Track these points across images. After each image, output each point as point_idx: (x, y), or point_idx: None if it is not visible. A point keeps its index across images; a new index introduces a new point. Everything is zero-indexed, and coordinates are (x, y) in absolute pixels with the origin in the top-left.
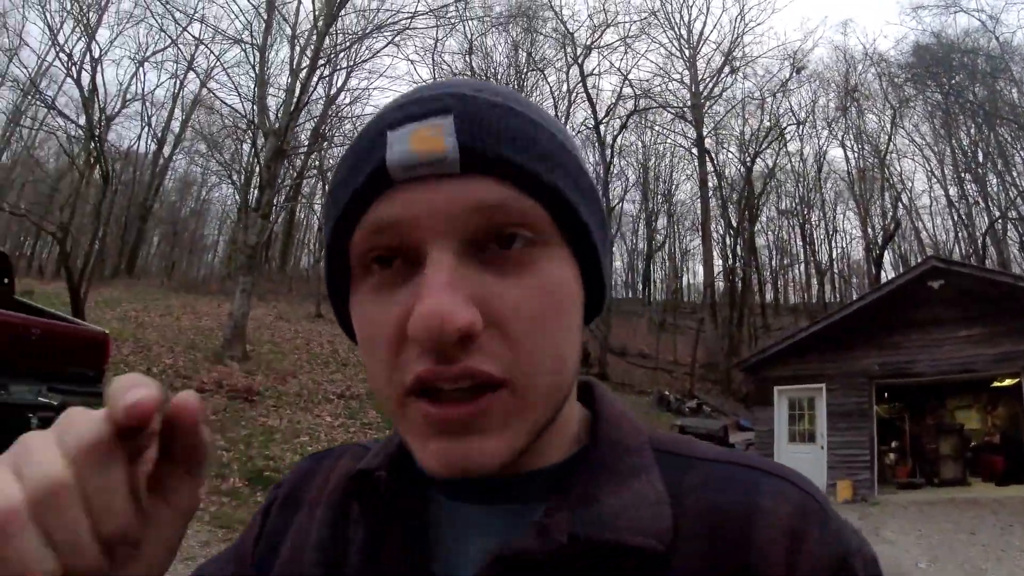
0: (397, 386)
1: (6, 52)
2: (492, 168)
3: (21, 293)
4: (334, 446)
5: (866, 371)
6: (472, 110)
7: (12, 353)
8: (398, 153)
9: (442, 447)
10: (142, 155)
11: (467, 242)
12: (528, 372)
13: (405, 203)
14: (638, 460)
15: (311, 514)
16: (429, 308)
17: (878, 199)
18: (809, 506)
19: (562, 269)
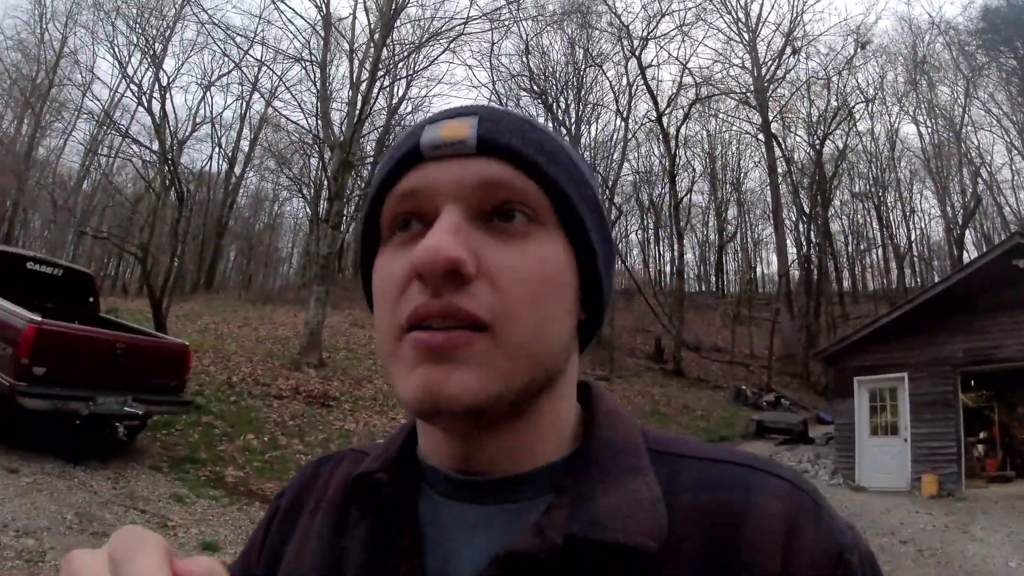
0: (395, 324)
1: (80, 87)
2: (501, 153)
3: (107, 311)
4: (336, 451)
5: (950, 358)
6: (495, 116)
7: (99, 367)
8: (429, 137)
9: (423, 372)
10: (214, 174)
11: (474, 211)
12: (512, 324)
13: (429, 174)
14: (633, 460)
15: (312, 520)
16: (429, 241)
17: (956, 175)
18: (803, 502)
19: (555, 249)
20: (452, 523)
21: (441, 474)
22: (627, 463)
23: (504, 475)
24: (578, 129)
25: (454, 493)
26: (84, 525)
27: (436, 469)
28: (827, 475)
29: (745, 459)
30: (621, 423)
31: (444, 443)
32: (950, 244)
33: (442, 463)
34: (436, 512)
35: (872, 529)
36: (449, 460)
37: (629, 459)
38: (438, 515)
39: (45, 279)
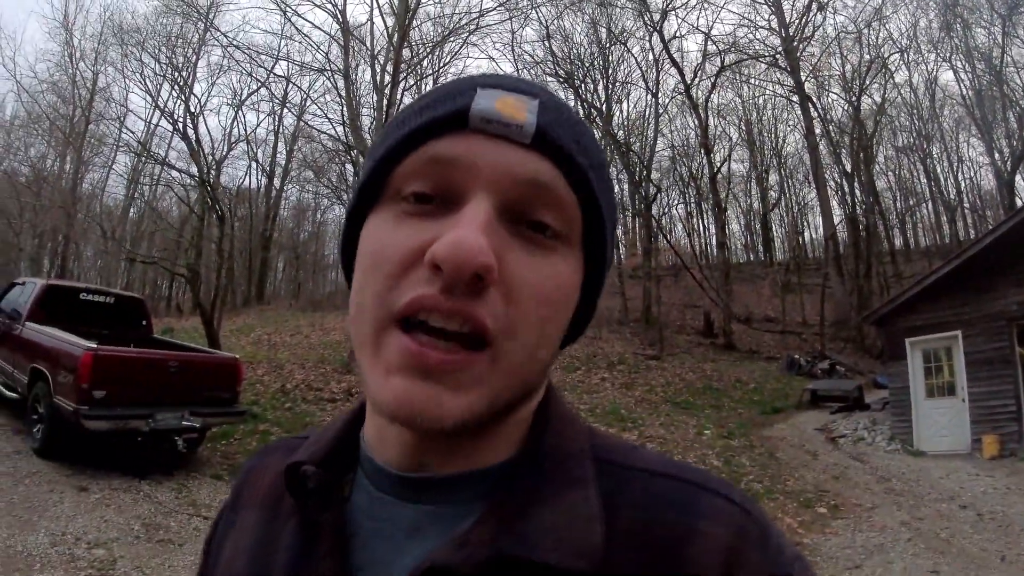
0: (387, 308)
1: (115, 121)
2: (556, 154)
3: (162, 331)
4: (280, 440)
5: (1005, 312)
6: (556, 105)
7: (155, 385)
8: (483, 105)
9: (406, 384)
10: (254, 190)
11: (507, 208)
12: (514, 343)
13: (471, 147)
14: (576, 471)
15: (248, 515)
16: (461, 236)
17: (1002, 119)
18: (747, 527)
19: (573, 273)
20: (387, 520)
21: (380, 467)
22: (569, 474)
23: (448, 474)
24: (609, 109)
25: (391, 488)
26: (151, 534)
27: (375, 461)
28: (884, 441)
29: (693, 476)
30: (570, 429)
31: (395, 437)
32: (1001, 191)
33: (386, 456)
34: (370, 507)
35: (931, 495)
36: (397, 454)
37: (572, 470)
38: (372, 511)
39: (99, 307)
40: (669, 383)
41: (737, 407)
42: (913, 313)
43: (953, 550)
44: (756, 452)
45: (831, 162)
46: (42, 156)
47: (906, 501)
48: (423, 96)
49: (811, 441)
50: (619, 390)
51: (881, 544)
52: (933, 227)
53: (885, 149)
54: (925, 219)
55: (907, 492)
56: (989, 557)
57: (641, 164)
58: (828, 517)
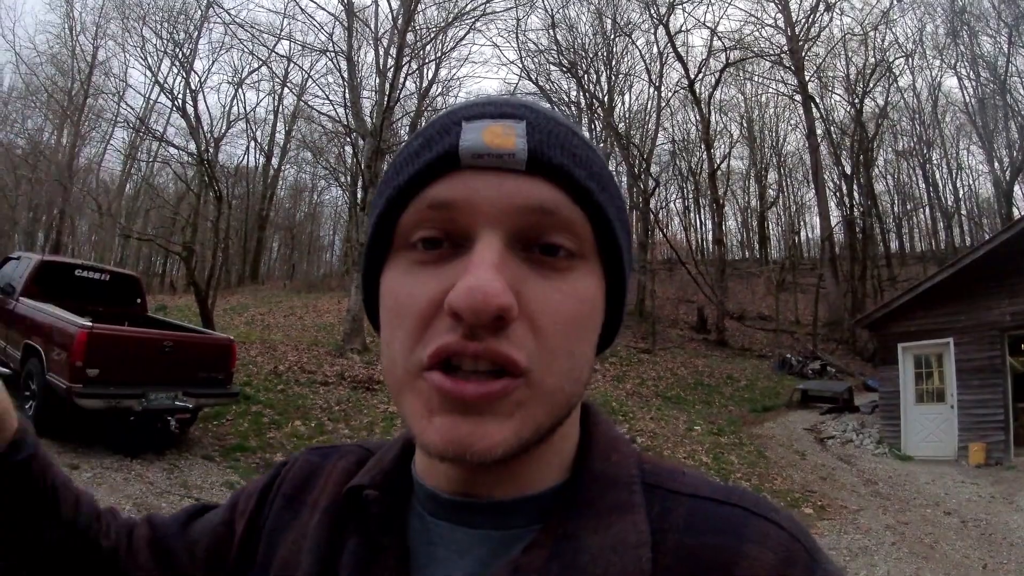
0: (417, 359)
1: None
2: (554, 175)
3: (155, 309)
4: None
5: (997, 322)
6: (543, 123)
7: (149, 365)
8: (470, 141)
9: (448, 422)
10: (252, 169)
11: (516, 237)
12: (549, 368)
13: (468, 186)
14: (624, 495)
15: (311, 517)
16: (476, 281)
17: (1003, 129)
18: (795, 552)
19: (594, 286)
20: (441, 544)
21: (432, 493)
22: (617, 499)
23: (499, 499)
24: (611, 100)
25: (444, 514)
26: (141, 514)
27: (427, 488)
28: (872, 444)
29: (742, 500)
30: (617, 453)
31: (445, 467)
32: (999, 201)
33: (436, 483)
34: (426, 532)
35: (916, 500)
36: (446, 482)
37: (620, 495)
38: (428, 535)
39: (94, 285)
40: (660, 377)
41: (727, 404)
42: (906, 319)
43: (936, 556)
44: (745, 450)
45: (831, 163)
46: (39, 129)
47: (892, 505)
48: (413, 137)
49: (800, 441)
50: (610, 382)
51: (866, 547)
52: (929, 232)
53: (885, 152)
54: (922, 224)
55: (893, 496)
56: (971, 564)
57: (641, 157)
58: (814, 518)
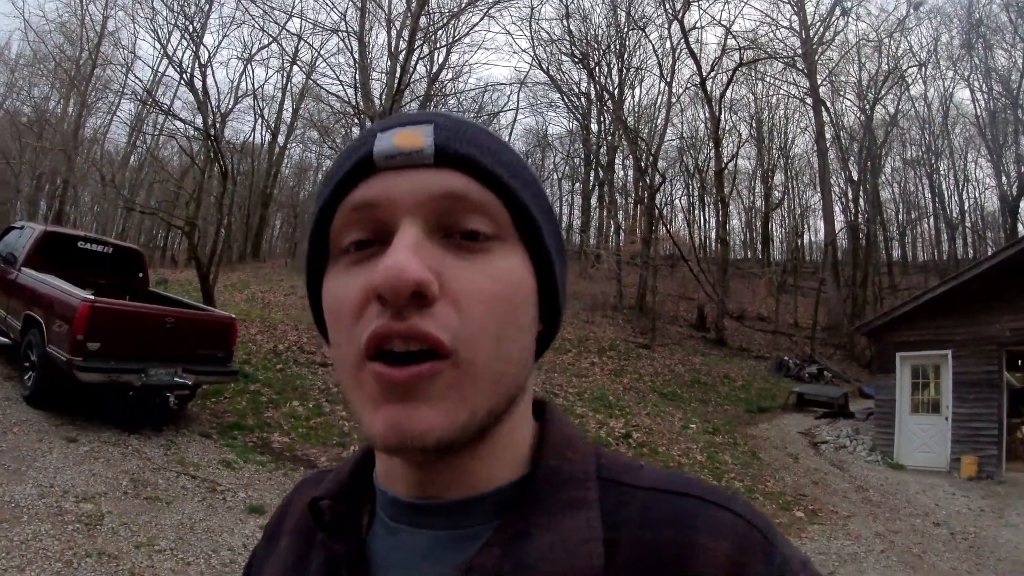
0: (355, 348)
1: (122, 67)
2: (460, 164)
3: (156, 283)
4: (318, 471)
5: (996, 337)
6: (451, 123)
7: (150, 340)
8: (383, 146)
9: (389, 412)
10: (258, 146)
11: (435, 225)
12: (473, 347)
13: (384, 186)
14: (578, 492)
15: (282, 542)
16: (391, 260)
17: (1012, 144)
18: (751, 539)
19: (517, 264)
20: (403, 549)
21: (392, 498)
22: (571, 495)
23: (455, 499)
24: (621, 94)
25: (405, 517)
26: (139, 490)
27: (386, 493)
28: (865, 451)
29: (695, 489)
30: (572, 448)
31: (399, 469)
32: (1004, 215)
33: (395, 488)
34: (388, 537)
35: (907, 509)
36: (403, 485)
37: (574, 491)
38: (390, 540)
39: (96, 257)
40: (658, 373)
41: (723, 403)
42: (907, 328)
43: (924, 566)
44: (739, 450)
45: (838, 168)
46: (45, 97)
47: (882, 513)
48: (337, 156)
49: (794, 444)
50: (608, 376)
51: (855, 553)
52: (932, 243)
53: (893, 160)
54: (925, 234)
55: (884, 504)
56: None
57: (648, 152)
58: (806, 521)
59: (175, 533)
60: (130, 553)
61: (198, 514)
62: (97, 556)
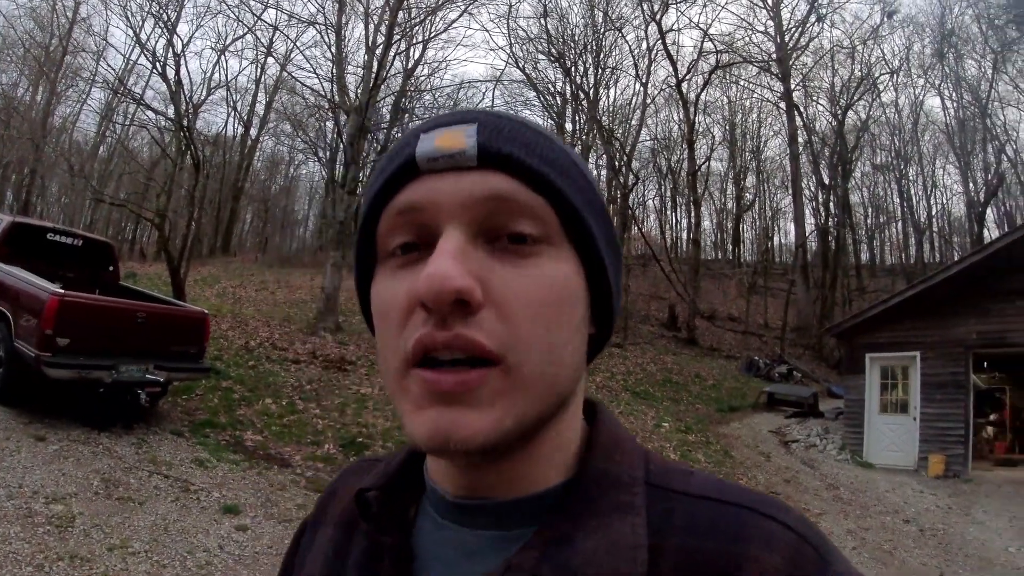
0: (400, 354)
1: (93, 54)
2: (505, 164)
3: (125, 276)
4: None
5: (964, 340)
6: (493, 121)
7: (120, 336)
8: (425, 147)
9: (432, 414)
10: (230, 138)
11: (479, 229)
12: (522, 353)
13: (427, 189)
14: (625, 496)
15: (327, 532)
16: (433, 268)
17: (980, 151)
18: (804, 554)
19: (565, 270)
20: (448, 546)
21: (440, 495)
22: (617, 499)
23: (502, 500)
24: (596, 94)
25: (451, 515)
26: (110, 490)
27: (436, 489)
28: (835, 450)
29: (748, 499)
30: (620, 451)
31: (447, 468)
32: (971, 221)
33: (444, 485)
34: (433, 532)
35: (876, 507)
36: (452, 484)
37: (621, 495)
38: (434, 536)
39: (66, 249)
40: (630, 372)
41: (695, 402)
42: (876, 330)
43: (895, 562)
44: (712, 449)
45: (810, 171)
46: (14, 84)
47: (853, 510)
48: (381, 157)
49: (765, 443)
50: None
51: None
52: (900, 247)
53: (863, 165)
54: (894, 238)
55: (854, 502)
56: (929, 572)
57: (622, 152)
58: None
59: (149, 534)
60: (103, 556)
61: (172, 515)
62: (69, 559)
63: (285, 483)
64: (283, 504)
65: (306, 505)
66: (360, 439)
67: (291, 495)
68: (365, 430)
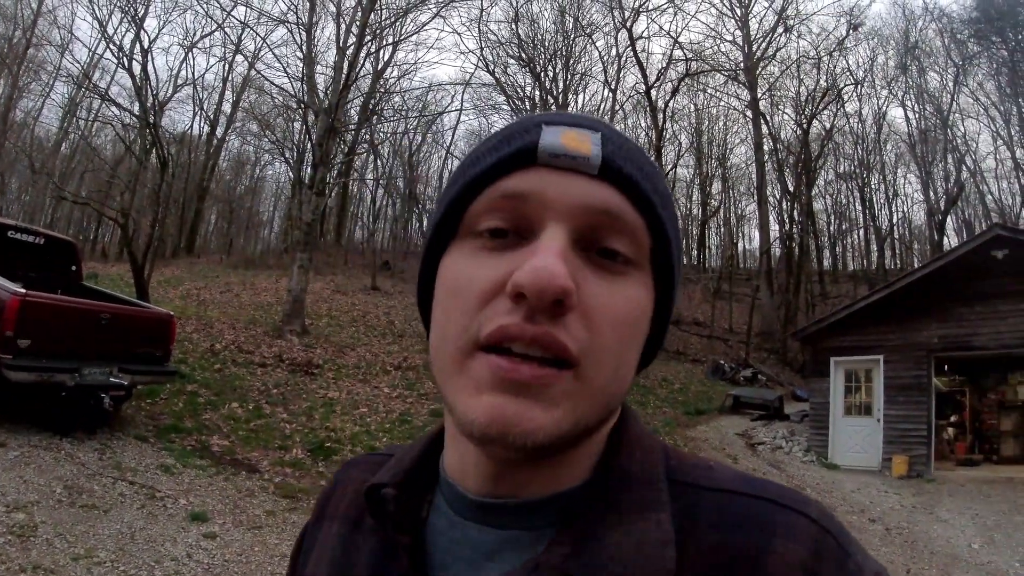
0: (472, 335)
1: (58, 48)
2: (622, 183)
3: (87, 277)
4: (368, 453)
5: (926, 344)
6: (616, 137)
7: (84, 338)
8: (549, 141)
9: (498, 401)
10: (196, 137)
11: (578, 237)
12: (598, 365)
13: (540, 182)
14: (649, 493)
15: (331, 527)
16: (542, 262)
17: (941, 161)
18: (825, 545)
19: (646, 295)
20: (465, 545)
21: (459, 492)
22: (642, 497)
23: (527, 499)
24: (565, 99)
25: (472, 514)
26: (74, 498)
27: (455, 487)
28: (801, 452)
29: (769, 492)
30: (641, 450)
31: (476, 464)
32: (931, 229)
33: (465, 482)
34: (449, 531)
35: (842, 507)
36: (475, 480)
37: (645, 492)
38: (450, 535)
39: (27, 248)
40: None
41: (662, 406)
42: (840, 334)
43: None
44: None
45: (774, 179)
46: None
47: None
48: (491, 136)
49: (732, 445)
50: None
51: None
52: (862, 253)
53: (827, 173)
54: (856, 244)
55: (821, 502)
56: (896, 570)
57: None
58: None
59: (115, 543)
60: (68, 566)
61: (138, 523)
62: (32, 570)
63: (253, 489)
64: (251, 511)
65: (275, 511)
66: (328, 443)
67: (260, 501)
68: (333, 434)
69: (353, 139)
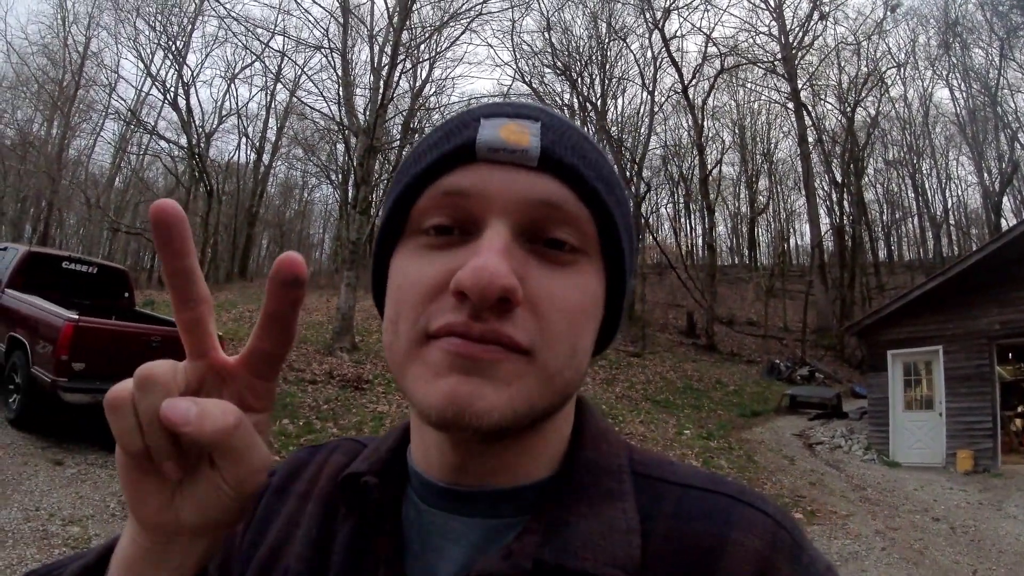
0: (420, 328)
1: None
2: (563, 173)
3: (143, 304)
4: (331, 440)
5: (986, 331)
6: (557, 125)
7: (136, 359)
8: (487, 136)
9: (452, 383)
10: (243, 164)
11: (523, 229)
12: (550, 353)
13: (482, 177)
14: (614, 484)
15: (300, 506)
16: (482, 263)
17: (993, 140)
18: (780, 538)
19: (595, 282)
20: (434, 532)
21: (427, 481)
22: (607, 487)
23: (493, 488)
24: (604, 104)
25: (438, 502)
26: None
27: (422, 476)
28: (860, 450)
29: (729, 489)
30: (606, 443)
31: (440, 452)
32: (988, 211)
33: (431, 471)
34: (419, 519)
35: (905, 506)
36: (441, 469)
37: (610, 483)
38: (421, 523)
39: (81, 277)
40: (650, 381)
41: (716, 408)
42: (896, 326)
43: (926, 562)
44: (734, 454)
45: (822, 171)
46: (29, 120)
47: (881, 511)
48: (431, 132)
49: (789, 446)
50: (600, 385)
51: (856, 552)
52: (918, 241)
53: (875, 161)
54: (910, 233)
55: (882, 502)
56: (962, 571)
57: (633, 161)
58: (804, 523)
59: None
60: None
61: None
62: None
63: None
64: None
65: None
66: None
67: None
68: None
69: (396, 157)
